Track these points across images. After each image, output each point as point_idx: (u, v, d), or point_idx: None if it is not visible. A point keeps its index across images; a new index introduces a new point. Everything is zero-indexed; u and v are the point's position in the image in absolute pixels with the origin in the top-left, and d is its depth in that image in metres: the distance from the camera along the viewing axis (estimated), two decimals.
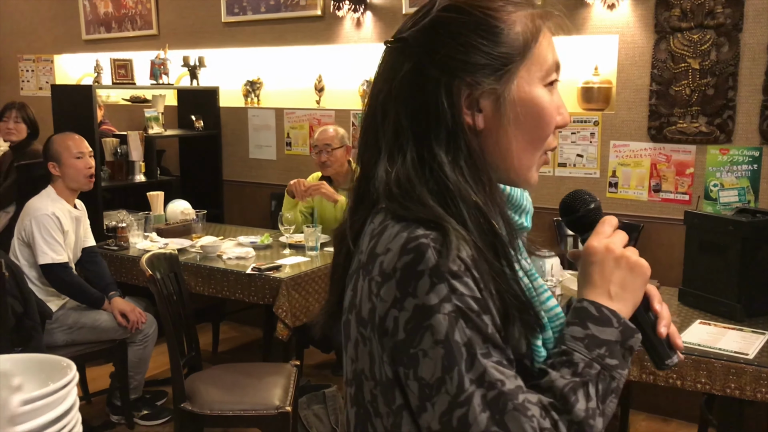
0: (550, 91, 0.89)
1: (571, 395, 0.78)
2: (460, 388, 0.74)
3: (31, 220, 3.22)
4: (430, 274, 0.76)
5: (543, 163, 0.93)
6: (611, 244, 0.87)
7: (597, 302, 0.84)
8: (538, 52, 0.88)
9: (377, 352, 0.82)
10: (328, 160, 3.77)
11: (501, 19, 0.86)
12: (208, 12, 5.07)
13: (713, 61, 3.41)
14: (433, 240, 0.78)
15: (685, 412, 3.51)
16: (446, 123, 0.84)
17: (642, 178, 3.66)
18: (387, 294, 0.79)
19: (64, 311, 3.32)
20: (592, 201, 0.95)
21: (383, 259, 0.80)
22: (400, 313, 0.78)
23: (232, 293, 3.34)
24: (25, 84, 6.46)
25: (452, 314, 0.75)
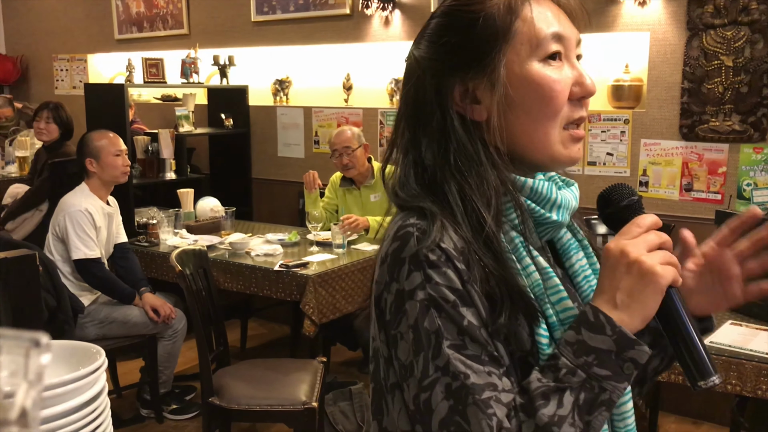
0: (551, 64, 0.87)
1: (538, 399, 0.76)
2: (425, 373, 0.77)
3: (65, 216, 3.28)
4: (409, 261, 0.79)
5: (575, 138, 0.89)
6: (628, 247, 0.80)
7: (597, 308, 0.79)
8: (522, 30, 0.86)
9: (377, 329, 0.86)
10: (350, 162, 3.76)
11: (475, 11, 0.87)
12: (237, 11, 5.12)
13: (747, 58, 3.35)
14: (418, 228, 0.81)
15: (716, 415, 3.45)
16: (436, 123, 0.88)
17: (673, 177, 3.61)
18: (381, 277, 0.83)
19: (96, 306, 3.37)
20: (627, 197, 0.88)
21: (384, 244, 0.86)
22: (387, 296, 0.82)
23: (260, 289, 3.37)
24: (60, 83, 6.58)
25: (424, 302, 0.78)
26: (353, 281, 3.41)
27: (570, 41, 0.89)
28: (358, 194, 3.90)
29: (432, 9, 4.20)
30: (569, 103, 0.88)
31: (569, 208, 0.90)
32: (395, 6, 4.38)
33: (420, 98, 0.90)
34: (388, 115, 4.50)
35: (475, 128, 0.88)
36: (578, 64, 0.89)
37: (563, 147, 0.88)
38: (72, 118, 4.88)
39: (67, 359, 0.78)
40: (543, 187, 0.88)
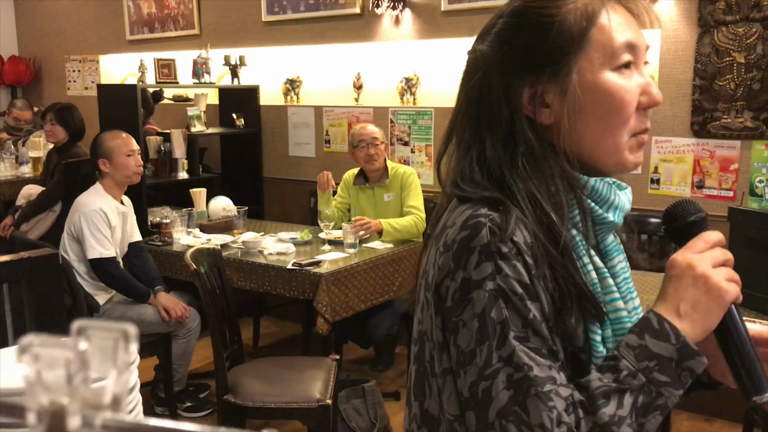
0: (624, 74, 0.88)
1: (600, 398, 0.78)
2: (488, 362, 0.79)
3: (80, 215, 3.31)
4: (480, 251, 0.81)
5: (639, 144, 0.92)
6: (695, 261, 0.83)
7: (661, 315, 0.82)
8: (598, 38, 0.87)
9: (433, 316, 0.86)
10: (376, 153, 3.80)
11: (551, 14, 0.87)
12: (248, 11, 5.14)
13: (759, 54, 3.34)
14: (491, 220, 0.82)
15: (729, 412, 3.45)
16: (504, 123, 0.89)
17: (684, 174, 3.61)
18: (444, 264, 0.84)
19: (111, 305, 3.41)
20: (694, 213, 0.89)
21: (448, 231, 0.86)
22: (450, 283, 0.83)
23: (273, 288, 3.39)
24: (72, 84, 6.63)
25: (493, 292, 0.79)
26: (366, 279, 3.43)
27: (641, 49, 0.90)
28: (371, 193, 3.92)
29: (443, 8, 4.23)
30: (636, 112, 0.89)
31: (624, 210, 0.93)
32: (405, 5, 4.39)
33: (486, 97, 0.90)
34: (399, 113, 4.51)
35: (543, 131, 0.89)
36: (646, 72, 0.91)
37: (628, 153, 0.90)
38: (82, 119, 4.91)
39: None
40: (604, 188, 0.90)
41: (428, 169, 4.41)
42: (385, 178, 3.87)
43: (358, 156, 3.85)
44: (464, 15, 4.19)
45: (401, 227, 3.71)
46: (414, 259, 3.74)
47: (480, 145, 0.91)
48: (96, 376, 0.23)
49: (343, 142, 4.80)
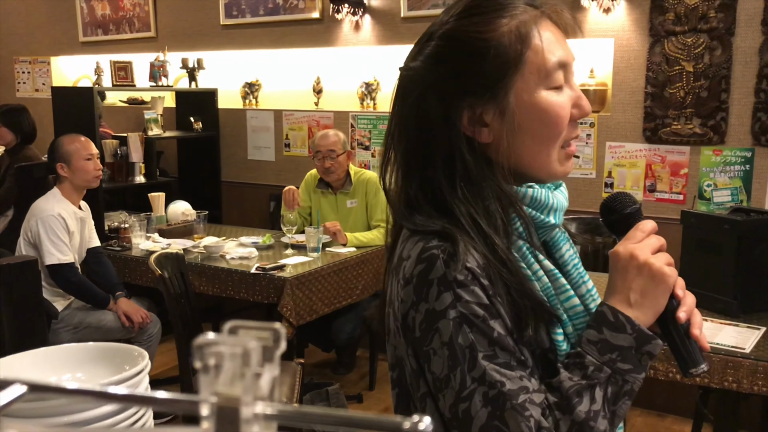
0: (557, 91, 0.91)
1: (574, 397, 0.83)
2: (463, 385, 0.82)
3: (37, 221, 3.25)
4: (438, 283, 0.84)
5: (570, 154, 0.96)
6: (636, 251, 0.89)
7: (615, 308, 0.87)
8: (533, 60, 0.89)
9: (404, 345, 0.90)
10: (331, 166, 3.78)
11: (486, 39, 0.89)
12: (206, 14, 5.11)
13: (707, 64, 3.49)
14: (443, 251, 0.85)
15: (680, 408, 3.58)
16: (444, 147, 0.91)
17: (637, 178, 3.74)
18: (406, 297, 0.88)
19: (70, 311, 3.35)
20: (629, 205, 0.95)
21: (405, 264, 0.89)
22: (415, 314, 0.86)
23: (237, 292, 3.39)
24: (21, 86, 6.47)
25: (456, 320, 0.83)
26: (329, 283, 3.45)
27: (570, 65, 0.94)
28: (333, 199, 3.93)
29: (402, 14, 4.28)
30: (568, 123, 0.94)
31: (563, 208, 0.98)
32: (365, 11, 4.44)
33: (423, 119, 0.92)
34: (359, 118, 4.55)
35: (482, 149, 0.92)
36: (575, 85, 0.95)
37: (560, 164, 0.95)
38: (33, 122, 4.81)
39: (111, 359, 0.82)
40: (542, 194, 0.94)
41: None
42: (348, 185, 3.88)
43: (317, 166, 3.85)
44: (423, 21, 4.25)
45: (367, 240, 3.75)
46: (376, 262, 3.78)
47: (420, 169, 0.92)
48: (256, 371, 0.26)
49: (303, 146, 4.81)
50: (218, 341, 0.25)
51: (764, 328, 2.45)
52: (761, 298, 2.60)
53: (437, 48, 0.91)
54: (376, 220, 3.84)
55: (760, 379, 2.20)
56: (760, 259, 2.58)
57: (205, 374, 0.25)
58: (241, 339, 0.25)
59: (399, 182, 0.95)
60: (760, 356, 2.22)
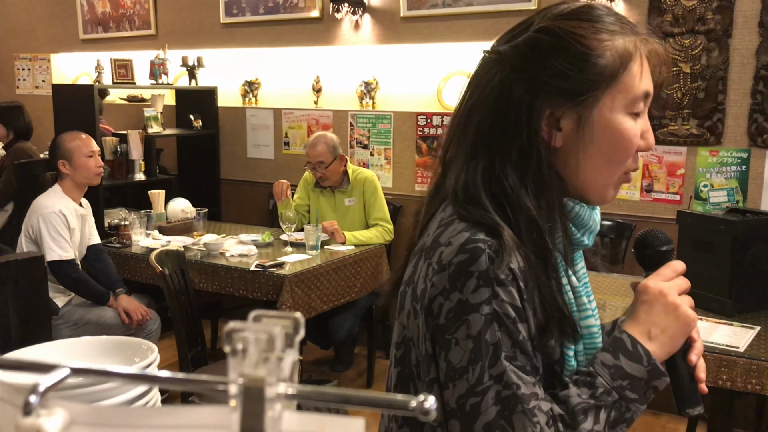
0: (634, 118, 0.92)
1: (580, 414, 0.85)
2: (480, 380, 0.83)
3: (38, 217, 3.27)
4: (478, 277, 0.84)
5: (623, 182, 0.97)
6: (666, 289, 0.91)
7: (634, 338, 0.89)
8: (626, 81, 0.90)
9: (422, 327, 0.89)
10: (323, 175, 3.83)
11: (591, 46, 0.89)
12: (206, 13, 5.13)
13: (704, 65, 3.52)
14: (490, 246, 0.85)
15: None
16: (521, 139, 0.90)
17: (634, 178, 3.77)
18: (438, 282, 0.87)
19: (70, 307, 3.37)
20: (665, 243, 0.97)
21: (443, 250, 0.88)
22: (444, 302, 0.86)
23: (236, 289, 3.41)
24: (21, 83, 6.48)
25: (488, 316, 0.84)
26: (328, 281, 3.47)
27: (650, 97, 0.95)
28: (332, 197, 3.96)
29: (402, 13, 4.30)
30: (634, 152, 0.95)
31: (596, 231, 0.99)
32: (365, 10, 4.46)
33: (505, 107, 0.90)
34: (358, 117, 4.57)
35: (551, 153, 0.92)
36: (646, 118, 0.96)
37: (612, 189, 0.96)
38: (28, 118, 4.84)
39: (121, 352, 0.84)
40: (585, 213, 0.96)
41: (387, 172, 4.48)
42: (346, 184, 3.91)
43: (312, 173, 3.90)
44: (423, 21, 4.28)
45: (365, 239, 3.78)
46: (375, 260, 3.80)
47: (489, 157, 0.91)
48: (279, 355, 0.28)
49: (302, 145, 4.83)
50: (245, 328, 0.28)
51: (758, 327, 2.48)
52: (756, 297, 2.63)
53: (538, 40, 0.90)
54: (374, 219, 3.87)
55: (753, 378, 2.22)
56: (755, 260, 2.61)
57: (234, 357, 0.28)
58: (266, 326, 0.28)
59: (460, 164, 0.93)
60: (754, 355, 2.25)
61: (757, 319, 2.56)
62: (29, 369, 0.30)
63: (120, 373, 0.32)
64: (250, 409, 0.26)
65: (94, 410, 0.27)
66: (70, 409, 0.27)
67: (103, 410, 0.28)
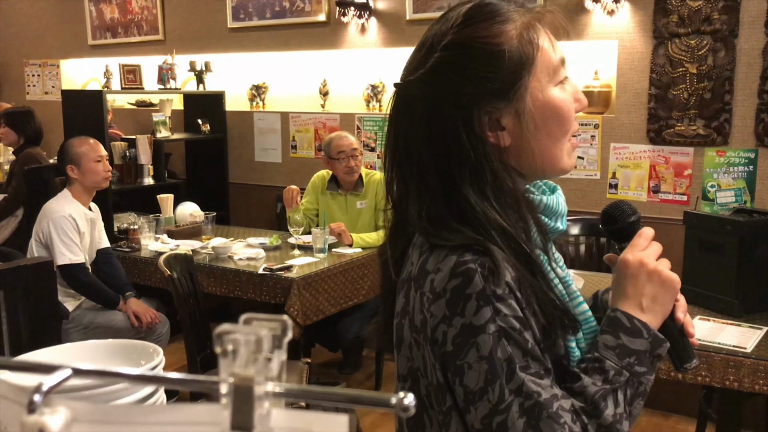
0: (562, 87, 0.94)
1: (600, 402, 0.86)
2: (501, 398, 0.83)
3: (48, 222, 3.30)
4: (477, 298, 0.84)
5: (574, 146, 0.98)
6: (645, 258, 0.93)
7: (629, 313, 0.91)
8: (542, 59, 0.92)
9: (429, 358, 0.89)
10: (356, 164, 3.83)
11: (498, 43, 0.90)
12: (213, 18, 5.16)
13: (710, 65, 3.51)
14: (480, 265, 0.85)
15: (684, 408, 3.60)
16: (469, 157, 0.90)
17: (641, 179, 3.77)
18: (437, 310, 0.86)
19: (80, 311, 3.40)
20: (632, 214, 0.99)
21: (434, 277, 0.87)
22: (448, 329, 0.85)
23: (244, 293, 3.43)
24: (31, 88, 6.54)
25: (496, 334, 0.83)
26: (336, 283, 3.49)
27: (566, 60, 0.97)
28: (343, 200, 3.97)
29: (408, 16, 4.32)
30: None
31: (566, 213, 1.01)
32: (371, 14, 4.48)
33: (440, 133, 0.90)
34: (365, 120, 4.59)
35: (500, 155, 0.93)
36: (570, 79, 0.97)
37: (568, 158, 0.98)
38: (38, 123, 4.88)
39: (128, 355, 0.86)
40: (553, 201, 0.97)
41: None
42: (360, 187, 3.93)
43: (337, 168, 3.85)
44: (429, 24, 4.27)
45: (373, 241, 3.79)
46: None
47: (442, 184, 0.90)
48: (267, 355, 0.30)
49: (309, 148, 4.86)
50: (235, 330, 0.29)
51: (766, 328, 2.47)
52: (763, 298, 2.62)
53: (447, 57, 0.90)
54: (383, 221, 3.87)
55: (761, 378, 2.22)
56: (762, 260, 2.61)
57: (224, 358, 0.29)
58: (255, 328, 0.29)
59: (414, 198, 0.92)
60: (761, 356, 2.24)
61: (764, 319, 2.55)
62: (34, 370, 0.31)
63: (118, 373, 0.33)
64: (239, 407, 0.28)
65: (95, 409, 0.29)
66: (72, 407, 0.29)
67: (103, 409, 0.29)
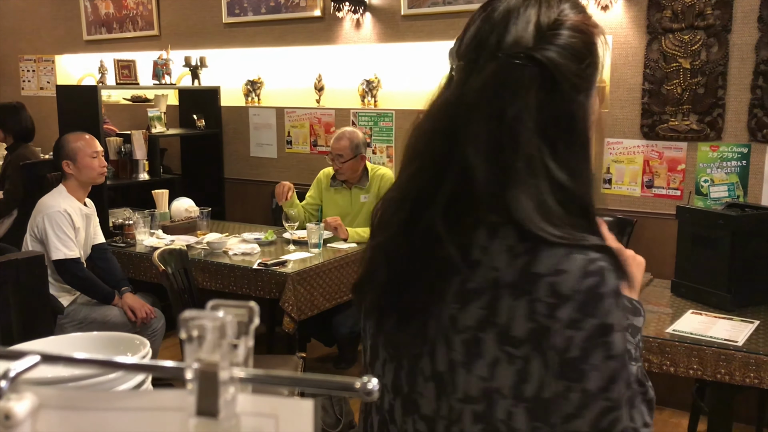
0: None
1: (645, 380, 0.93)
2: (619, 393, 0.81)
3: (43, 217, 3.30)
4: (611, 296, 0.80)
5: None
6: (616, 242, 0.95)
7: (627, 295, 0.95)
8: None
9: (537, 370, 0.81)
10: (340, 168, 3.86)
11: (597, 33, 0.89)
12: (209, 13, 5.16)
13: (703, 60, 3.52)
14: (609, 263, 0.82)
15: (677, 401, 3.62)
16: (583, 143, 0.87)
17: (635, 174, 3.78)
18: (564, 314, 0.79)
19: (75, 306, 3.40)
20: None
21: (555, 280, 0.80)
22: (576, 333, 0.79)
23: (239, 288, 3.44)
24: (26, 84, 6.53)
25: (623, 330, 0.82)
26: (330, 278, 3.50)
27: None
28: (347, 193, 3.98)
29: (402, 12, 4.32)
30: None
31: None
32: (366, 9, 4.47)
33: (567, 116, 0.85)
34: (360, 115, 4.59)
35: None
36: None
37: None
38: (29, 119, 4.86)
39: (115, 347, 0.86)
40: None
41: (389, 170, 4.50)
42: (365, 181, 3.95)
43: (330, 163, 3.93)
44: (423, 19, 4.30)
45: (368, 235, 3.79)
46: None
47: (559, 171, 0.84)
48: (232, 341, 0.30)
49: (305, 143, 4.86)
50: (201, 316, 0.30)
51: (758, 321, 2.49)
52: (755, 292, 2.64)
53: (573, 38, 0.85)
54: None
55: (751, 372, 2.24)
56: (754, 254, 2.62)
57: (190, 344, 0.30)
58: (220, 314, 0.30)
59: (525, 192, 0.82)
60: (752, 349, 2.26)
61: (756, 313, 2.57)
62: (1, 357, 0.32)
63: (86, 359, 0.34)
64: (205, 392, 0.28)
65: (62, 394, 0.29)
66: (39, 393, 0.30)
67: (70, 394, 0.30)
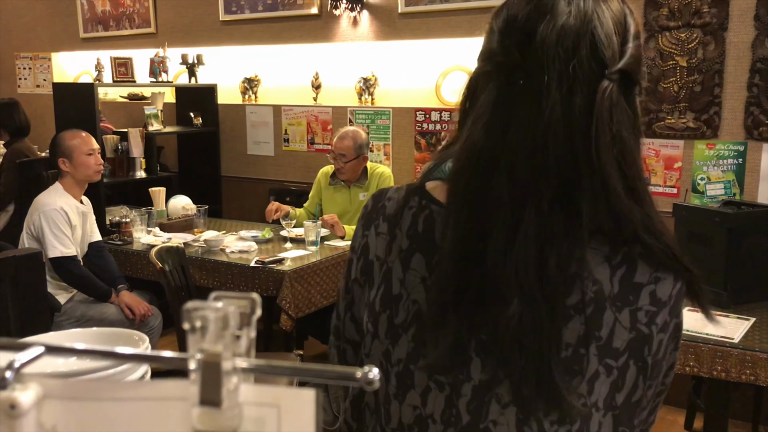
0: None
1: None
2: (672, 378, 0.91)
3: (39, 215, 3.30)
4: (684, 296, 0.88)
5: None
6: None
7: None
8: None
9: (631, 378, 0.84)
10: (342, 168, 3.85)
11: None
12: (205, 10, 5.15)
13: (700, 58, 3.53)
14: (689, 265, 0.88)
15: (673, 398, 3.63)
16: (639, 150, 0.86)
17: None
18: (660, 319, 0.84)
19: (72, 304, 3.40)
20: None
21: (654, 288, 0.84)
22: (665, 336, 0.86)
23: (236, 286, 3.44)
24: (23, 81, 6.51)
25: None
26: (327, 276, 3.50)
27: None
28: (347, 192, 3.98)
29: (400, 10, 4.32)
30: None
31: None
32: (363, 6, 4.47)
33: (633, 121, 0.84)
34: (357, 113, 4.59)
35: None
36: None
37: None
38: (24, 116, 4.86)
39: (114, 342, 0.86)
40: None
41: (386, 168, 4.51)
42: (364, 179, 3.95)
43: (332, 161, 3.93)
44: (421, 17, 4.30)
45: None
46: None
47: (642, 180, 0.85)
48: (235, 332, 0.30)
49: (302, 141, 4.86)
50: (204, 306, 0.30)
51: (754, 318, 2.50)
52: (751, 289, 2.65)
53: (638, 47, 0.86)
54: None
55: (747, 368, 2.25)
56: (750, 252, 2.63)
57: (193, 334, 0.30)
58: (223, 305, 0.30)
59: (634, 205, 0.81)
60: (748, 346, 2.27)
61: (752, 310, 2.58)
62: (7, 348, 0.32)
63: (88, 350, 0.34)
64: (208, 382, 0.29)
65: (66, 384, 0.30)
66: (43, 384, 0.30)
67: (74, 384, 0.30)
